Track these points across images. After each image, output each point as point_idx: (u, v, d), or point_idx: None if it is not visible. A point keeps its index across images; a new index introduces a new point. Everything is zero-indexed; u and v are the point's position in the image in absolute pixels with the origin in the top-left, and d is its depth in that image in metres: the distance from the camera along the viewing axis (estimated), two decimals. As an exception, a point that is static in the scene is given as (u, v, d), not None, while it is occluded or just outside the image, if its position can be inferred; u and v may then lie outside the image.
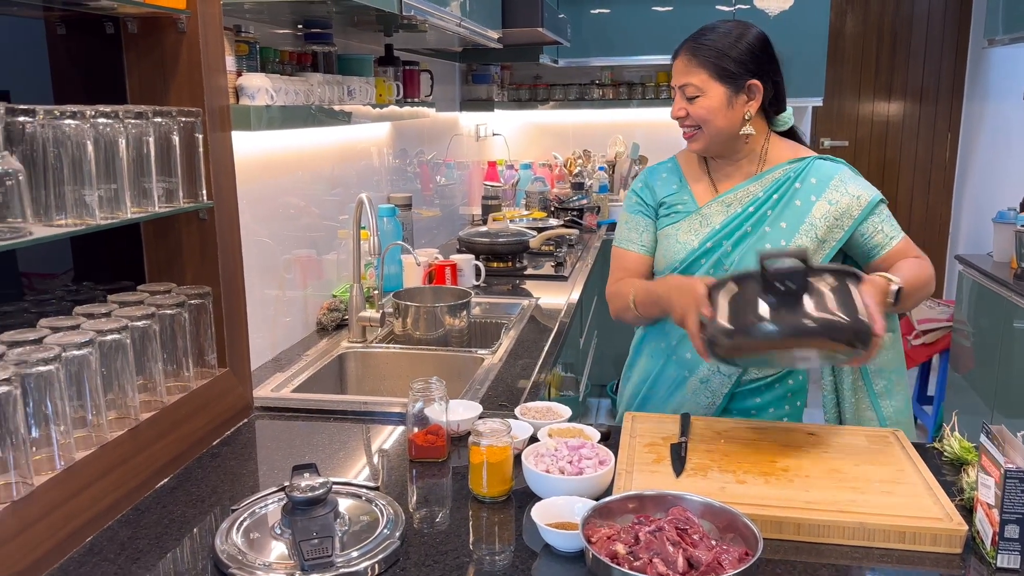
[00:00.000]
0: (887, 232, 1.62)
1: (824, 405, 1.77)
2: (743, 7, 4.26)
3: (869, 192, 1.64)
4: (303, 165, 2.27)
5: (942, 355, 4.03)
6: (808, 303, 1.27)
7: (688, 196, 1.70)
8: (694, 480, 1.27)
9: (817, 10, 4.25)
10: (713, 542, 1.03)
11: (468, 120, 4.33)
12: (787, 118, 1.71)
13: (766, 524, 1.13)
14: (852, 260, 1.70)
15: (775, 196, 1.63)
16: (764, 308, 1.28)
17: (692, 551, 0.99)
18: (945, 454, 1.42)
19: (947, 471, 1.37)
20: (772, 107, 1.67)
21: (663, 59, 4.40)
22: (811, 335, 1.28)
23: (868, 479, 1.29)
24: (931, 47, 4.93)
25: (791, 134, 1.75)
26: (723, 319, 1.31)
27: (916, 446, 1.42)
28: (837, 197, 1.62)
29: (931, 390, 4.30)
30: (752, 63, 1.59)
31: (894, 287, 1.43)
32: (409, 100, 2.67)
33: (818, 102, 4.40)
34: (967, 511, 1.21)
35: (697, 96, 1.59)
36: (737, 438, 1.43)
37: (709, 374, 1.66)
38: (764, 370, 1.67)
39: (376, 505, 1.24)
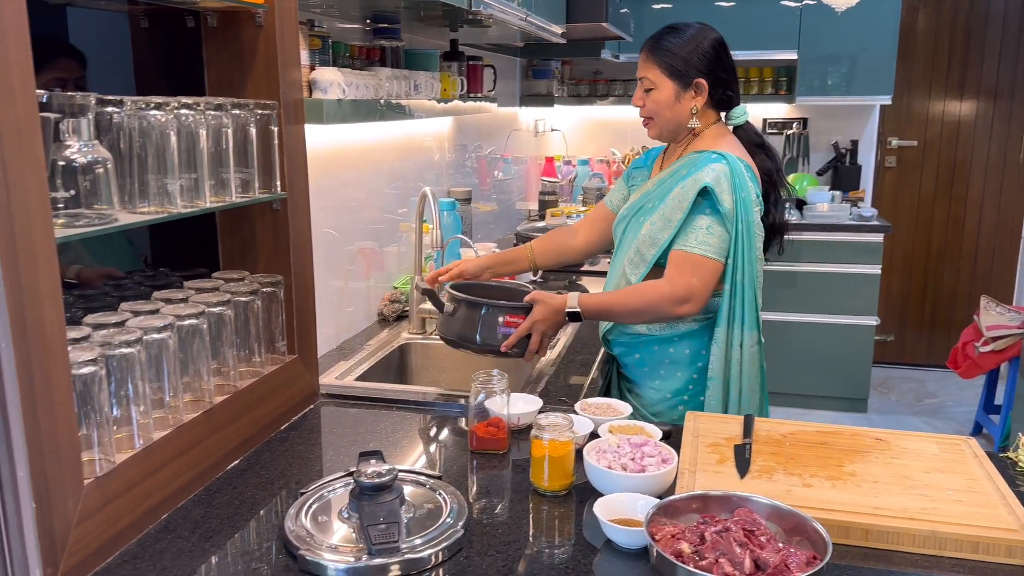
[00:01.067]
0: (680, 237, 1.74)
1: None
2: (809, 2, 4.17)
3: (705, 178, 1.71)
4: (365, 158, 2.30)
5: (1011, 363, 3.89)
6: (463, 321, 1.74)
7: (647, 174, 1.98)
8: (759, 482, 1.26)
9: (888, 6, 4.15)
10: (780, 544, 1.02)
11: (527, 115, 4.33)
12: (739, 112, 1.87)
13: (833, 529, 1.12)
14: None
15: (669, 180, 1.81)
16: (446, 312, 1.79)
17: (759, 552, 0.98)
18: (1020, 464, 1.38)
19: (1021, 482, 1.33)
20: (723, 104, 1.84)
21: (726, 55, 4.34)
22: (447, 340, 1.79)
23: (939, 487, 1.26)
24: (1007, 45, 4.76)
25: (745, 131, 1.88)
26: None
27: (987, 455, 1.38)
28: (689, 182, 1.74)
29: (999, 399, 4.17)
30: (700, 63, 1.77)
31: (567, 309, 1.72)
32: (472, 95, 2.68)
33: (887, 100, 4.29)
34: (1044, 524, 1.18)
35: (651, 89, 1.79)
36: (803, 441, 1.41)
37: None
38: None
39: (440, 494, 1.26)
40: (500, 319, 1.73)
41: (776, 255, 1.94)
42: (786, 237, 1.93)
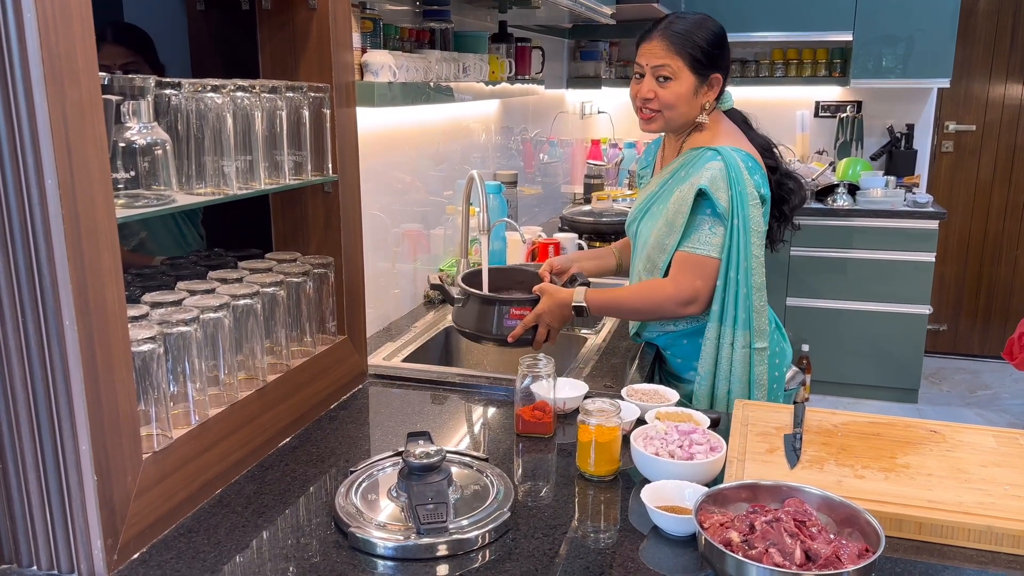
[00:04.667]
0: (684, 238, 1.73)
1: None
2: (867, -18, 4.07)
3: (701, 181, 1.69)
4: (412, 141, 2.31)
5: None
6: (473, 313, 1.80)
7: (651, 171, 1.95)
8: (810, 472, 1.24)
9: (948, -14, 4.02)
10: (831, 536, 1.00)
11: (574, 97, 4.30)
12: (727, 98, 1.84)
13: (885, 521, 1.10)
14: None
15: (670, 181, 1.79)
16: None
17: (811, 543, 0.97)
18: (1082, 461, 1.34)
19: (1084, 479, 1.29)
20: (719, 95, 1.81)
21: (778, 36, 4.26)
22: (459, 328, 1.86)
23: (995, 481, 1.23)
24: (1074, 25, 4.58)
25: (730, 115, 1.85)
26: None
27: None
28: (686, 186, 1.72)
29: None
30: (717, 57, 1.73)
31: (573, 303, 1.74)
32: (520, 77, 2.67)
33: (945, 83, 4.17)
34: (1107, 522, 1.14)
35: (670, 80, 1.71)
36: (855, 432, 1.39)
37: None
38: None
39: (486, 476, 1.27)
40: (507, 311, 1.78)
41: (795, 231, 1.93)
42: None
